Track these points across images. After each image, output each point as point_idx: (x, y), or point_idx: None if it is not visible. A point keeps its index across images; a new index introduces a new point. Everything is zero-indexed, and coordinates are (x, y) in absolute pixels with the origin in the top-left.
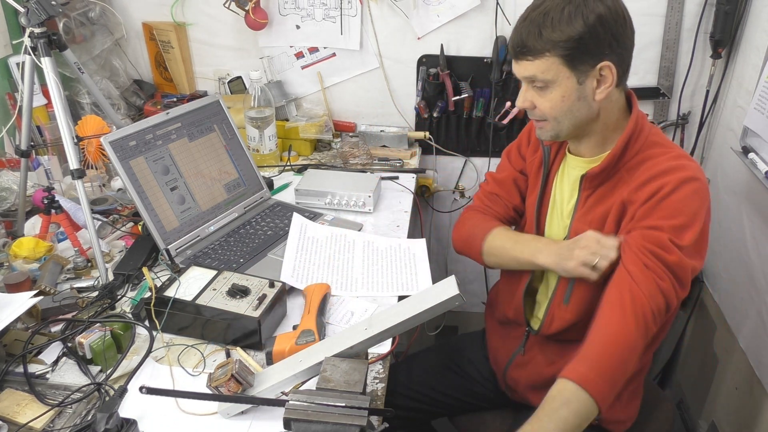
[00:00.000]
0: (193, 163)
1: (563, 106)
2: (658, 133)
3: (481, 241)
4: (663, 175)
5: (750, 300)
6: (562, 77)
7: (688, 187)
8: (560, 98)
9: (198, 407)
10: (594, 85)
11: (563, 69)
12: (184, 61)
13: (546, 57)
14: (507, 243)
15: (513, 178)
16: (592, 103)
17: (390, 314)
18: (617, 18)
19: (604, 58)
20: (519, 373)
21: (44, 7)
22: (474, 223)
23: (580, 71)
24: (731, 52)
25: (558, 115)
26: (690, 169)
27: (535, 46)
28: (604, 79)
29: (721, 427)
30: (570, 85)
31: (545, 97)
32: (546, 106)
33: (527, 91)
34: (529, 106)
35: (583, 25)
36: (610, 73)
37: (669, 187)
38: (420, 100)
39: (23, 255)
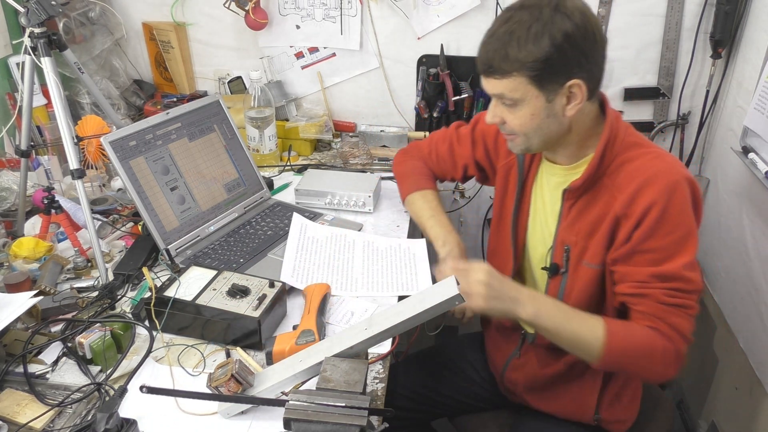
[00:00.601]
0: (193, 163)
1: (532, 124)
2: (634, 132)
3: (408, 191)
4: (650, 183)
5: (750, 300)
6: (531, 96)
7: (679, 194)
8: (529, 116)
9: (198, 407)
10: (564, 102)
11: (531, 88)
12: (184, 61)
13: (513, 77)
14: (423, 211)
15: (464, 164)
16: (562, 119)
17: (390, 314)
18: (586, 35)
19: (573, 76)
20: (516, 376)
21: (44, 7)
22: (410, 171)
23: (549, 90)
24: (731, 52)
25: (527, 132)
26: (674, 170)
27: (502, 67)
28: (574, 96)
29: (721, 427)
30: (539, 104)
31: (514, 114)
32: (515, 123)
33: (497, 106)
34: (499, 122)
35: (549, 45)
36: (579, 91)
37: (662, 203)
38: (420, 100)
39: (23, 255)
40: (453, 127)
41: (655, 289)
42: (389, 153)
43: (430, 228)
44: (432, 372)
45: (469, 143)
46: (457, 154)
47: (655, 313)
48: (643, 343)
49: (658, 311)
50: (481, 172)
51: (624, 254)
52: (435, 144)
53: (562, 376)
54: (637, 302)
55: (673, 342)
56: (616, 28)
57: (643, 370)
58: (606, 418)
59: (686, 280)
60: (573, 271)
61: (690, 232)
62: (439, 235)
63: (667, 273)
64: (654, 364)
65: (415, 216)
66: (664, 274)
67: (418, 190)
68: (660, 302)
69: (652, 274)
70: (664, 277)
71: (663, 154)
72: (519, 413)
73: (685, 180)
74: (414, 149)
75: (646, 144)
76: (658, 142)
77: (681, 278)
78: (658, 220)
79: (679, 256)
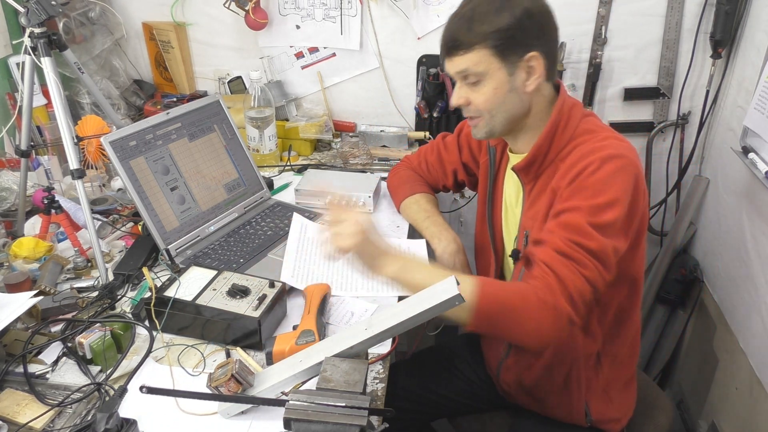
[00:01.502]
0: (193, 163)
1: (496, 99)
2: (594, 121)
3: (402, 198)
4: (586, 156)
5: (750, 300)
6: (494, 69)
7: (611, 165)
8: (493, 91)
9: (198, 407)
10: (524, 77)
11: (494, 60)
12: (184, 61)
13: (477, 49)
14: (417, 215)
15: (453, 169)
16: (523, 96)
17: (390, 314)
18: (542, 12)
19: (532, 49)
20: (509, 377)
21: (44, 7)
22: (402, 180)
23: (510, 62)
24: (731, 52)
25: (492, 108)
26: (614, 147)
27: (466, 40)
28: (533, 70)
29: (721, 427)
30: (501, 76)
31: (479, 92)
32: (480, 101)
33: (461, 88)
34: (464, 103)
35: (510, 17)
36: (538, 64)
37: (592, 167)
38: (420, 100)
39: (23, 255)
40: (439, 138)
41: (555, 236)
42: (389, 153)
43: (425, 229)
44: (432, 372)
45: (456, 149)
46: (445, 161)
47: (546, 260)
48: (517, 294)
49: (549, 258)
50: (471, 176)
51: (550, 216)
52: (423, 155)
53: (545, 379)
54: (534, 251)
55: (554, 295)
56: (616, 28)
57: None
58: (598, 418)
59: (589, 236)
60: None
61: (615, 201)
62: (434, 233)
63: (570, 222)
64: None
65: (411, 221)
66: (569, 223)
67: (411, 195)
68: (555, 249)
69: (558, 223)
70: (567, 225)
71: (613, 136)
72: (517, 414)
73: (624, 158)
74: (404, 162)
75: (601, 130)
76: (658, 142)
77: (584, 232)
78: (585, 180)
79: (593, 216)
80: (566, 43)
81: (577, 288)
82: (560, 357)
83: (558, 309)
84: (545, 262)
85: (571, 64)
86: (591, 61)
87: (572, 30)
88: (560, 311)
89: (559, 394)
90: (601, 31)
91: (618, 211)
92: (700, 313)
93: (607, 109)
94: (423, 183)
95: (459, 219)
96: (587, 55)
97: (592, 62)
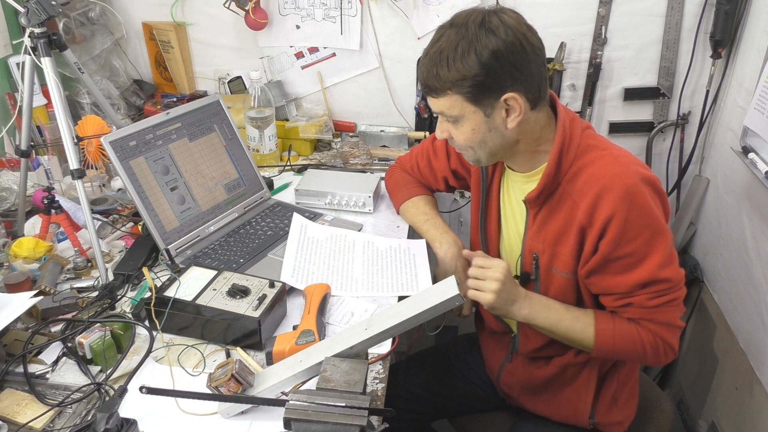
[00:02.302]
0: (193, 163)
1: (475, 138)
2: (591, 133)
3: (400, 201)
4: (608, 190)
5: (750, 300)
6: (468, 112)
7: (638, 197)
8: (471, 131)
9: (198, 407)
10: (503, 115)
11: (467, 105)
12: (184, 61)
13: (448, 95)
14: (417, 218)
15: (444, 176)
16: (504, 132)
17: (390, 314)
18: (513, 49)
19: (507, 90)
20: (511, 380)
21: (44, 7)
22: (399, 182)
23: (485, 104)
24: (731, 52)
25: (473, 146)
26: (629, 173)
27: (435, 86)
28: (512, 109)
29: (721, 427)
30: (478, 118)
31: (458, 130)
32: (460, 138)
33: (442, 122)
34: (447, 137)
35: (477, 63)
36: (516, 104)
37: (623, 210)
38: (420, 100)
39: (23, 255)
40: (429, 141)
41: (638, 296)
42: (389, 153)
43: (426, 232)
44: (432, 372)
45: (444, 155)
46: (435, 168)
47: (643, 316)
48: (631, 340)
49: (645, 315)
50: (461, 180)
51: (596, 265)
52: (415, 159)
53: (553, 381)
54: (624, 311)
55: (662, 337)
56: (616, 28)
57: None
58: (602, 421)
59: (665, 280)
60: (544, 278)
61: (657, 230)
62: (435, 237)
63: (644, 280)
64: (645, 357)
65: (411, 224)
66: (642, 281)
67: (409, 198)
68: (645, 307)
69: (631, 284)
70: (643, 284)
71: (619, 155)
72: (518, 415)
73: (642, 181)
74: (398, 164)
75: (603, 146)
76: (658, 142)
77: (659, 280)
78: (622, 227)
79: (650, 257)
80: (566, 43)
81: (678, 316)
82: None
83: (672, 346)
84: (644, 318)
85: (571, 64)
86: (591, 61)
87: (572, 30)
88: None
89: (563, 399)
90: (601, 31)
91: (664, 237)
92: (700, 313)
93: (607, 109)
94: (419, 184)
95: (459, 219)
96: (587, 55)
97: (592, 62)
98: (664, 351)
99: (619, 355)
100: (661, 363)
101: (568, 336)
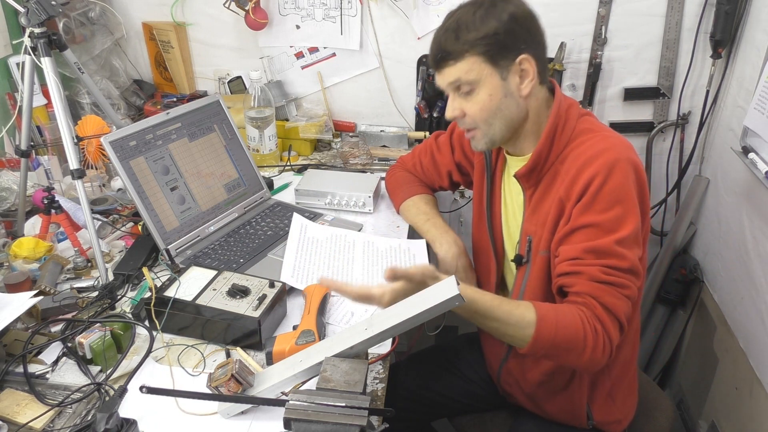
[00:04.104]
0: (193, 163)
1: (492, 106)
2: (590, 119)
3: (400, 200)
4: (590, 163)
5: (750, 300)
6: (486, 75)
7: (618, 171)
8: (488, 98)
9: (198, 407)
10: (517, 80)
11: (485, 66)
12: (184, 61)
13: (467, 57)
14: (417, 218)
15: (448, 171)
16: (519, 100)
17: (390, 314)
18: (527, 16)
19: (522, 51)
20: (511, 378)
21: (44, 7)
22: (399, 182)
23: (502, 66)
24: (731, 52)
25: (488, 117)
26: (616, 149)
27: (455, 49)
28: (526, 73)
29: (721, 427)
30: (494, 82)
31: (473, 101)
32: (475, 110)
33: (454, 99)
34: (459, 115)
35: (497, 22)
36: (530, 66)
37: (600, 178)
38: (420, 100)
39: (23, 255)
40: (432, 138)
41: (589, 266)
42: (389, 153)
43: (426, 231)
44: (432, 372)
45: (449, 149)
46: (439, 163)
47: (589, 291)
48: (573, 328)
49: (591, 289)
50: (465, 176)
51: (564, 234)
52: (418, 156)
53: (547, 381)
54: (572, 282)
55: (605, 326)
56: (616, 28)
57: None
58: (601, 420)
59: (620, 257)
60: (533, 262)
61: (629, 210)
62: (435, 236)
63: (600, 247)
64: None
65: (411, 224)
66: (597, 248)
67: (409, 197)
68: (594, 279)
69: (586, 249)
70: (597, 251)
71: (610, 137)
72: (518, 415)
73: (626, 160)
74: (399, 164)
75: (598, 129)
76: (658, 142)
77: (614, 254)
78: (596, 194)
79: (613, 233)
80: (566, 43)
81: (623, 311)
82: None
83: (612, 340)
84: (589, 294)
85: (571, 64)
86: (591, 61)
87: (572, 30)
88: (613, 341)
89: (560, 397)
90: (601, 31)
91: (634, 220)
92: (700, 313)
93: (607, 109)
94: (420, 184)
95: (459, 219)
96: (587, 55)
97: (592, 62)
98: (603, 343)
99: (558, 346)
100: (598, 360)
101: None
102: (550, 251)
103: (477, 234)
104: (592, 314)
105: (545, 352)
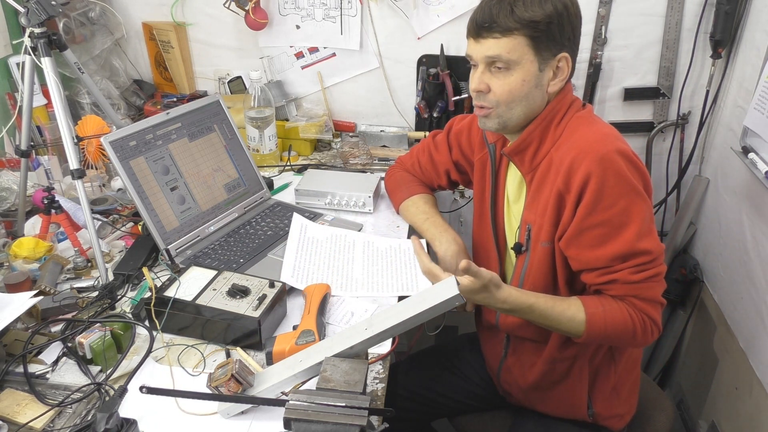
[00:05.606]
0: (193, 163)
1: (521, 92)
2: (588, 114)
3: (400, 200)
4: (582, 156)
5: (750, 300)
6: (526, 60)
7: (612, 166)
8: (520, 83)
9: (198, 407)
10: (550, 75)
11: (528, 51)
12: (184, 61)
13: (514, 36)
14: (417, 217)
15: (446, 169)
16: (545, 94)
17: (390, 314)
18: (577, 13)
19: (564, 49)
20: (510, 378)
21: (44, 7)
22: (398, 181)
23: (543, 58)
24: (731, 52)
25: (512, 101)
26: (604, 142)
27: (506, 23)
28: (561, 72)
29: (721, 427)
30: (532, 69)
31: (504, 80)
32: (504, 90)
33: (484, 73)
34: (485, 89)
35: (553, 9)
36: (566, 66)
37: (597, 176)
38: (420, 100)
39: (23, 255)
40: (430, 137)
41: (620, 271)
42: (389, 153)
43: (425, 231)
44: (432, 372)
45: (446, 148)
46: (437, 162)
47: (628, 292)
48: (622, 320)
49: (631, 291)
50: (464, 174)
51: (573, 234)
52: (416, 156)
53: (547, 375)
54: (608, 288)
55: (650, 316)
56: (616, 28)
57: (624, 342)
58: (602, 413)
59: (644, 252)
60: (533, 251)
61: (632, 201)
62: (434, 235)
63: (623, 252)
64: (635, 337)
65: (410, 223)
66: (621, 253)
67: (409, 197)
68: (629, 282)
69: (610, 257)
70: (623, 256)
71: (601, 128)
72: (518, 414)
73: (615, 151)
74: (398, 164)
75: (592, 120)
76: (658, 142)
77: (639, 252)
78: (598, 192)
79: (626, 227)
80: None
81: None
82: (563, 353)
83: (657, 323)
84: (629, 294)
85: None
86: (591, 61)
87: None
88: (659, 324)
89: (560, 389)
90: (601, 31)
91: (642, 205)
92: (700, 313)
93: (607, 109)
94: (419, 183)
95: (459, 219)
96: (587, 55)
97: (592, 62)
98: (651, 329)
99: (609, 338)
100: (648, 342)
101: (560, 320)
102: (554, 244)
103: (478, 230)
104: (637, 309)
105: (599, 342)
